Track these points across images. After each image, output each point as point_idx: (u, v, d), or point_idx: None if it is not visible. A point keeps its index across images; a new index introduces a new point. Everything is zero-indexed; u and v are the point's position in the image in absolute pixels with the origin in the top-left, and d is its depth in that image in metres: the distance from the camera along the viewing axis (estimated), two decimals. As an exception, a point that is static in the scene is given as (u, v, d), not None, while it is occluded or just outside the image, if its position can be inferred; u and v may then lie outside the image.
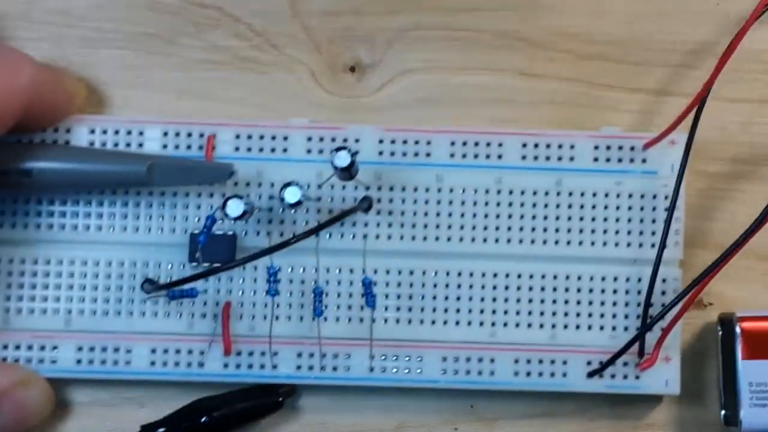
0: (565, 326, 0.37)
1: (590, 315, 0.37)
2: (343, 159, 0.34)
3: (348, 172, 0.35)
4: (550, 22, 0.39)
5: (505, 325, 0.37)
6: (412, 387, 0.37)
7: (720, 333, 0.37)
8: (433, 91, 0.39)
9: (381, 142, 0.37)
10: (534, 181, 0.37)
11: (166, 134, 0.37)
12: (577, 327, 0.37)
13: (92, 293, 0.37)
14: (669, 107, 0.38)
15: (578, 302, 0.37)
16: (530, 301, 0.37)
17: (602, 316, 0.37)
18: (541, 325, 0.37)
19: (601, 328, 0.37)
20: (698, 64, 0.38)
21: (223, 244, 0.36)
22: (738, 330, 0.36)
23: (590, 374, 0.37)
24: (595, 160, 0.37)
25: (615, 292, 0.37)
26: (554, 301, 0.37)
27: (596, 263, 0.37)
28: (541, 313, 0.37)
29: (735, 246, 0.34)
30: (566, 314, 0.37)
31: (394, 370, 0.37)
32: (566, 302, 0.37)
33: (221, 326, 0.37)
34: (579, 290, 0.37)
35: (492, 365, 0.37)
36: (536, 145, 0.37)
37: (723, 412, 0.37)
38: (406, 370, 0.37)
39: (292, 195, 0.34)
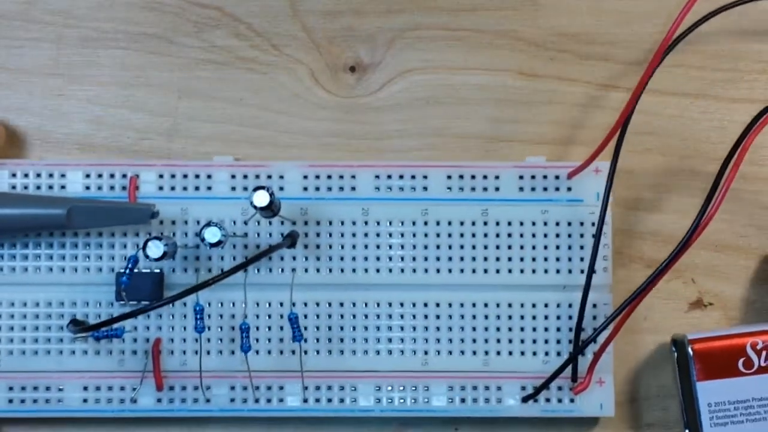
0: (498, 353, 0.37)
1: (522, 341, 0.37)
2: (261, 198, 0.34)
3: (269, 210, 0.35)
4: (550, 22, 0.39)
5: (438, 353, 0.37)
6: (348, 417, 0.37)
7: (675, 354, 0.37)
8: (433, 91, 0.39)
9: (305, 177, 0.37)
10: (460, 212, 0.37)
11: (88, 176, 0.37)
12: (510, 353, 0.37)
13: (21, 333, 0.37)
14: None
15: (510, 329, 0.37)
16: (462, 329, 0.37)
17: (534, 341, 0.37)
18: (474, 352, 0.37)
19: (534, 353, 0.37)
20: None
21: (150, 281, 0.37)
22: (690, 352, 0.36)
23: (525, 399, 0.37)
24: (521, 189, 0.37)
25: (546, 318, 0.37)
26: (486, 329, 0.37)
27: (526, 290, 0.37)
28: (474, 341, 0.37)
29: (662, 267, 0.35)
30: (498, 341, 0.37)
31: (329, 400, 0.37)
32: (498, 329, 0.37)
33: (152, 362, 0.37)
34: (510, 317, 0.37)
35: (426, 393, 0.37)
36: (461, 177, 0.37)
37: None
38: (341, 401, 0.37)
39: (212, 235, 0.34)
